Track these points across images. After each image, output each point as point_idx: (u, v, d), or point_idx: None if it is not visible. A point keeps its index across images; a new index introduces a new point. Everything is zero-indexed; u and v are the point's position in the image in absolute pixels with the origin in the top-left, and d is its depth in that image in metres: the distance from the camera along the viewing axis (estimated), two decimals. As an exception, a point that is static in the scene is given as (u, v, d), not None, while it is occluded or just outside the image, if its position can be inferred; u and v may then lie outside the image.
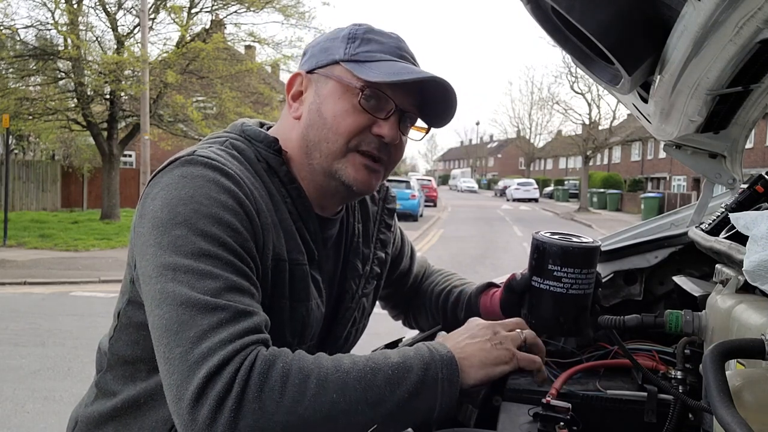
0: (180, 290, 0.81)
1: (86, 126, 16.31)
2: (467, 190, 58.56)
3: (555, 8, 0.92)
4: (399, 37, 1.06)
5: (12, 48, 15.33)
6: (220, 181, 0.89)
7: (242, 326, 0.80)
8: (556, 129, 51.76)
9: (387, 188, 1.29)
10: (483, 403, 1.39)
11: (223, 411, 0.74)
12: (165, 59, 16.01)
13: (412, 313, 1.44)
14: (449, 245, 14.44)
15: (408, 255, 1.41)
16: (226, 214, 0.87)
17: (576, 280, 1.05)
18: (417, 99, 1.04)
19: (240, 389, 0.75)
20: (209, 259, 0.83)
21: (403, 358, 0.87)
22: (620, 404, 1.20)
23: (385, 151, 1.03)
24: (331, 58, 1.02)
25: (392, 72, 0.97)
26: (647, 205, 24.67)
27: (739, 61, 0.89)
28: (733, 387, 0.62)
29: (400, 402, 0.83)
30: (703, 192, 1.67)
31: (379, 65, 0.99)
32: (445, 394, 0.87)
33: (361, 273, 1.17)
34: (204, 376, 0.75)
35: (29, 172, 19.71)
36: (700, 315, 1.03)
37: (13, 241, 12.44)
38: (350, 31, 1.03)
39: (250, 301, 0.85)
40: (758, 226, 0.84)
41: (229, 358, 0.76)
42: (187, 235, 0.84)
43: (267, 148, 1.03)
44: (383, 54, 1.01)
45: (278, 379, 0.77)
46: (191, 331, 0.78)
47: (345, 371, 0.81)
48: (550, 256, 1.06)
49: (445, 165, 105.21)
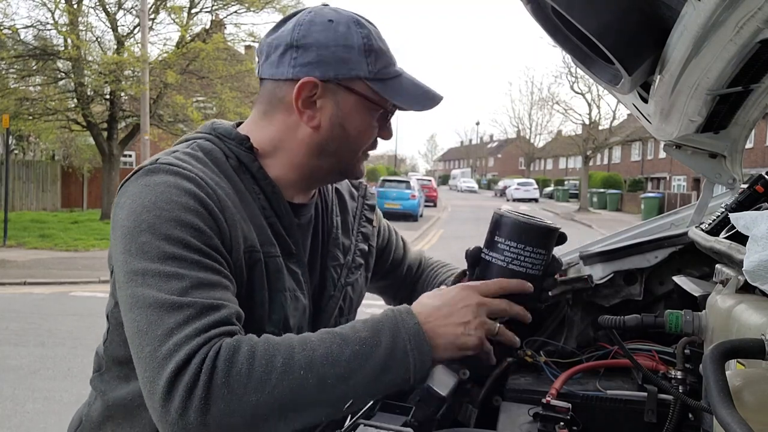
0: (148, 293, 0.85)
1: (86, 126, 16.31)
2: (467, 190, 58.53)
3: (555, 8, 0.92)
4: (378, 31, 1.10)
5: (12, 48, 15.32)
6: (180, 185, 0.93)
7: (208, 320, 0.84)
8: (556, 129, 51.80)
9: (366, 186, 1.35)
10: (483, 403, 1.39)
11: (193, 400, 0.78)
12: (165, 59, 16.02)
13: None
14: (449, 245, 14.44)
15: (399, 244, 1.45)
16: (188, 216, 0.90)
17: (517, 256, 1.02)
18: None
19: (207, 377, 0.79)
20: (175, 261, 0.87)
21: (372, 331, 0.90)
22: (620, 404, 1.20)
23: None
24: (354, 73, 1.04)
25: (416, 96, 1.08)
26: (647, 205, 24.68)
27: (739, 61, 0.90)
28: (733, 387, 0.62)
29: (370, 375, 0.87)
30: (703, 192, 1.67)
31: (396, 84, 1.07)
32: (417, 365, 0.90)
33: (342, 262, 1.19)
34: (172, 370, 0.79)
35: (29, 172, 19.72)
36: (700, 315, 1.03)
37: (13, 241, 12.45)
38: (364, 43, 1.04)
39: (221, 293, 0.88)
40: (758, 226, 0.84)
41: (195, 351, 0.81)
42: (152, 240, 0.88)
43: (238, 145, 1.06)
44: (391, 67, 1.08)
45: (244, 362, 0.81)
46: (159, 330, 0.82)
47: (311, 348, 0.85)
48: (497, 227, 1.04)
49: (445, 165, 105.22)
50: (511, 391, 1.31)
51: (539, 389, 1.26)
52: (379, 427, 0.94)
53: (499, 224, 1.04)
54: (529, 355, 1.38)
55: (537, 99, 46.50)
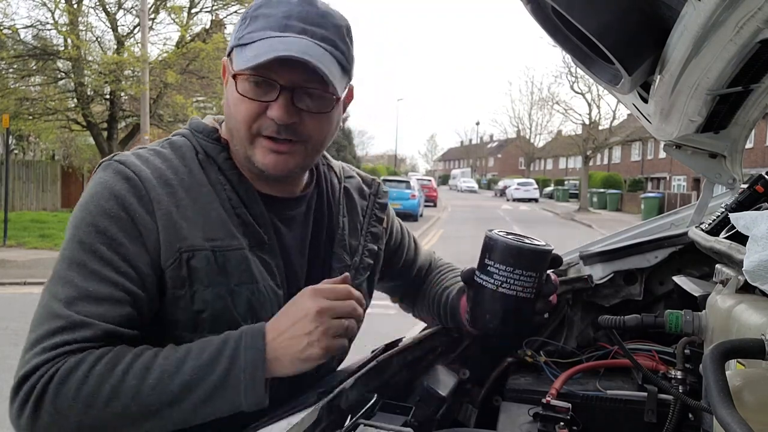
0: (45, 294, 0.92)
1: (86, 126, 16.29)
2: (467, 190, 58.51)
3: (555, 8, 0.92)
4: (299, 2, 0.98)
5: (12, 48, 15.32)
6: (113, 188, 0.95)
7: (68, 337, 0.88)
8: (556, 129, 51.70)
9: (378, 183, 1.30)
10: (483, 403, 1.39)
11: (26, 409, 0.86)
12: (165, 59, 16.00)
13: (418, 308, 1.45)
14: (449, 245, 14.44)
15: (411, 245, 1.42)
16: (106, 222, 0.93)
17: (507, 279, 1.00)
18: (309, 70, 0.95)
19: (38, 394, 0.85)
20: (77, 268, 0.91)
21: (211, 357, 0.91)
22: (620, 404, 1.20)
23: (289, 131, 1.00)
24: (231, 45, 1.02)
25: (253, 56, 0.93)
26: (647, 205, 24.67)
27: (739, 61, 0.90)
28: (733, 387, 0.62)
29: (194, 405, 0.89)
30: (703, 192, 1.67)
31: (253, 48, 0.95)
32: (248, 393, 0.90)
33: (349, 263, 1.17)
34: (21, 376, 0.87)
35: (29, 172, 19.70)
36: (700, 315, 1.03)
37: (13, 241, 12.44)
38: (246, 10, 1.01)
39: (104, 309, 0.90)
40: (758, 226, 0.84)
41: (39, 366, 0.87)
42: (70, 241, 0.94)
43: (206, 137, 1.07)
44: (266, 31, 0.96)
45: (73, 385, 0.86)
46: (34, 333, 0.90)
47: (143, 375, 0.88)
48: (488, 250, 1.03)
49: (445, 165, 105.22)
50: (511, 391, 1.31)
51: (539, 389, 1.26)
52: (379, 427, 0.94)
53: (489, 247, 1.03)
54: (529, 355, 1.38)
55: (537, 99, 46.47)
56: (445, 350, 1.40)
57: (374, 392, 1.14)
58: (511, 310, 1.01)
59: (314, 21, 0.98)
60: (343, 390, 1.07)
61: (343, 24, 1.03)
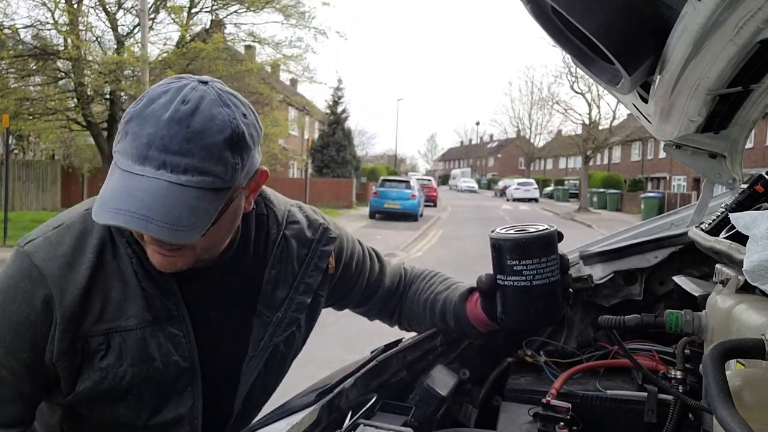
0: None
1: (86, 126, 16.30)
2: (467, 190, 58.50)
3: (555, 8, 0.92)
4: (172, 117, 0.87)
5: (12, 48, 15.32)
6: (18, 287, 0.98)
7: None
8: (556, 129, 51.71)
9: (325, 228, 1.22)
10: (483, 403, 1.39)
11: None
12: (165, 59, 16.00)
13: (405, 319, 1.42)
14: (449, 245, 14.44)
15: (374, 269, 1.36)
16: (15, 318, 0.98)
17: (538, 271, 1.04)
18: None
19: None
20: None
21: None
22: (620, 404, 1.20)
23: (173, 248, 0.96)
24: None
25: (101, 202, 0.88)
26: (647, 205, 24.67)
27: (739, 61, 0.90)
28: (733, 387, 0.62)
29: None
30: (703, 192, 1.67)
31: (108, 184, 0.90)
32: None
33: (270, 320, 1.13)
34: None
35: (29, 172, 19.71)
36: (700, 315, 1.03)
37: (13, 241, 12.45)
38: (125, 114, 0.91)
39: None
40: (758, 226, 0.84)
41: None
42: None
43: None
44: (126, 159, 0.89)
45: None
46: None
47: None
48: (506, 252, 1.05)
49: (445, 165, 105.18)
50: (511, 391, 1.31)
51: (539, 389, 1.26)
52: (379, 427, 0.94)
53: (504, 248, 1.05)
54: (529, 355, 1.38)
55: (537, 99, 46.44)
56: (444, 350, 1.40)
57: (374, 392, 1.14)
58: (552, 293, 1.07)
59: (177, 149, 0.87)
60: (342, 390, 1.07)
61: (221, 138, 0.90)
